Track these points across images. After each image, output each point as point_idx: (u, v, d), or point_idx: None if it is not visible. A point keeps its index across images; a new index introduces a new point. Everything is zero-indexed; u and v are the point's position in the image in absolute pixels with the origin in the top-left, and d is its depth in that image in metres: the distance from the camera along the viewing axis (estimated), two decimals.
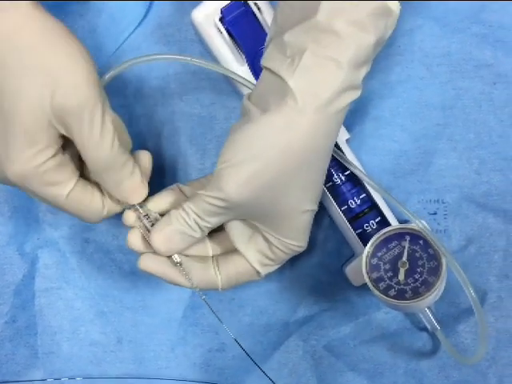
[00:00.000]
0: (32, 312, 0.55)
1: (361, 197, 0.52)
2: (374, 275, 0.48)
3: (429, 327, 0.53)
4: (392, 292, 0.48)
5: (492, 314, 0.55)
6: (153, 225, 0.46)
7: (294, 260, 0.55)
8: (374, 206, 0.52)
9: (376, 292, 0.47)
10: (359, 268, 0.49)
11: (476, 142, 0.56)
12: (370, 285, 0.47)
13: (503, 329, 0.54)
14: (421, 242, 0.49)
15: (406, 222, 0.52)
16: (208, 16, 0.51)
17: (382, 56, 0.56)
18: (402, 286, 0.48)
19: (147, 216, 0.46)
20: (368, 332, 0.55)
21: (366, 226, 0.52)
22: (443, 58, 0.56)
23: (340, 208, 0.51)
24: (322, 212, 0.55)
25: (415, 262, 0.48)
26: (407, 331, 0.55)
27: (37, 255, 0.56)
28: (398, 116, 0.56)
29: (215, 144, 0.56)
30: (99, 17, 0.55)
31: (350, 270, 0.53)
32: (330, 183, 0.51)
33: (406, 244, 0.49)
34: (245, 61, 0.51)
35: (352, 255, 0.54)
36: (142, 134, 0.56)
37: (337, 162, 0.51)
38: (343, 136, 0.52)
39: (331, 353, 0.55)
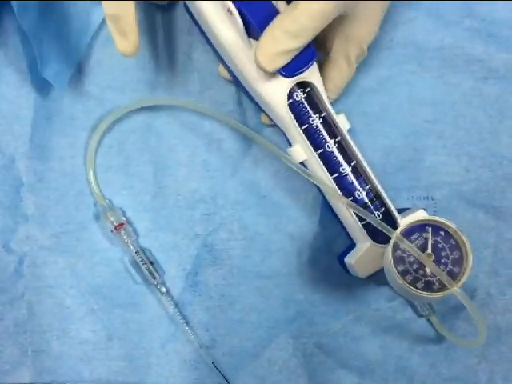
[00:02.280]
0: (21, 310, 0.55)
1: (366, 187, 0.51)
2: (400, 268, 0.47)
3: (425, 314, 0.53)
4: (420, 284, 0.47)
5: (481, 310, 0.55)
6: None
7: (285, 257, 0.56)
8: (377, 197, 0.51)
9: (405, 285, 0.46)
10: (367, 259, 0.49)
11: (465, 139, 0.56)
12: (397, 278, 0.47)
13: (493, 325, 0.55)
14: (442, 232, 0.48)
15: (403, 210, 0.52)
16: None
17: (373, 49, 0.56)
18: (428, 278, 0.47)
19: None
20: (358, 329, 0.55)
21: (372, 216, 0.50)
22: (435, 52, 0.56)
23: (348, 198, 0.50)
24: (315, 209, 0.56)
25: (439, 254, 0.48)
26: (398, 328, 0.55)
27: (25, 253, 0.55)
28: (388, 112, 0.57)
29: None
30: None
31: (355, 261, 0.51)
32: (337, 174, 0.50)
33: (429, 235, 0.48)
34: (250, 44, 0.49)
35: (348, 247, 0.53)
36: None
37: (344, 153, 0.50)
38: (345, 125, 0.52)
39: (322, 350, 0.55)
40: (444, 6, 0.56)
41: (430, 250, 0.48)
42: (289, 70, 0.46)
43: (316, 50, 0.47)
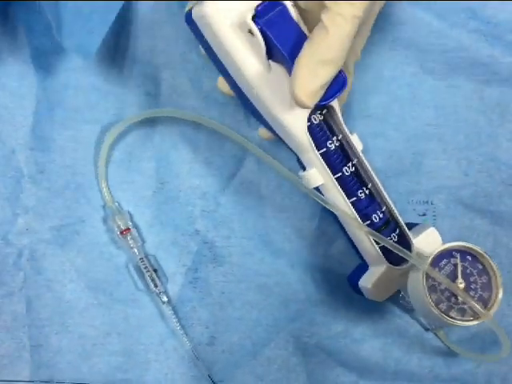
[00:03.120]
0: (20, 304, 0.54)
1: (382, 209, 0.49)
2: (433, 297, 0.46)
3: (431, 328, 0.54)
4: (453, 312, 0.46)
5: (490, 335, 0.55)
6: None
7: (285, 256, 0.56)
8: (391, 218, 0.49)
9: (441, 315, 0.45)
10: (383, 282, 0.49)
11: (465, 143, 0.57)
12: (433, 308, 0.45)
13: (490, 329, 0.54)
14: (469, 257, 0.47)
15: (409, 225, 0.51)
16: (220, 12, 0.44)
17: (376, 50, 0.56)
18: (460, 306, 0.46)
19: None
20: (359, 330, 0.55)
21: (389, 239, 0.48)
22: (438, 55, 0.56)
23: (364, 223, 0.48)
24: (315, 209, 0.56)
25: (468, 279, 0.47)
26: (398, 331, 0.56)
27: (25, 246, 0.55)
28: (390, 114, 0.57)
29: None
30: None
31: (372, 285, 0.50)
32: (354, 198, 0.48)
33: (458, 261, 0.47)
34: (269, 67, 0.45)
35: (359, 267, 0.53)
36: None
37: (360, 176, 0.48)
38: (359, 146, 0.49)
39: (322, 350, 0.55)
40: (449, 7, 0.56)
41: (460, 278, 0.46)
42: (323, 98, 0.44)
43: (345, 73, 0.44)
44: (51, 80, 0.56)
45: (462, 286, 0.46)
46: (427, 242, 0.49)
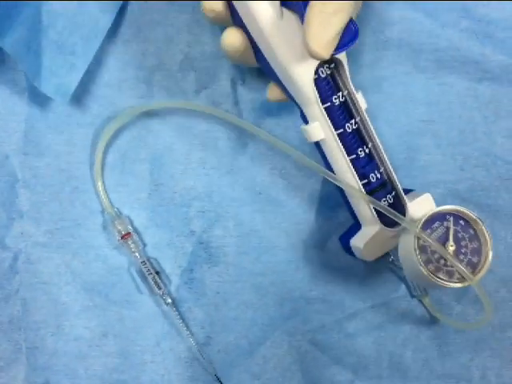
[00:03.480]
0: (16, 307, 0.55)
1: (381, 170, 0.49)
2: (423, 257, 0.47)
3: (417, 294, 0.54)
4: (441, 274, 0.47)
5: (473, 307, 0.56)
6: None
7: (280, 254, 0.56)
8: (389, 181, 0.50)
9: (430, 276, 0.46)
10: (375, 243, 0.49)
11: (459, 139, 0.57)
12: (422, 268, 0.46)
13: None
14: (462, 222, 0.48)
15: (406, 192, 0.51)
16: None
17: (368, 50, 0.57)
18: (448, 268, 0.47)
19: None
20: (353, 326, 0.55)
21: (383, 201, 0.49)
22: (431, 54, 0.57)
23: (360, 181, 0.49)
24: (311, 206, 0.56)
25: (459, 243, 0.47)
26: (391, 324, 0.55)
27: (20, 250, 0.55)
28: (383, 111, 0.57)
29: None
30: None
31: (364, 244, 0.50)
32: (354, 156, 0.48)
33: (451, 225, 0.48)
34: (282, 13, 0.44)
35: (351, 227, 0.53)
36: None
37: (361, 135, 0.49)
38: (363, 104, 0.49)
39: (316, 347, 0.55)
40: (441, 6, 0.57)
41: (452, 241, 0.47)
42: (336, 48, 0.43)
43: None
44: None
45: (452, 248, 0.47)
46: (422, 206, 0.49)
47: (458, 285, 0.46)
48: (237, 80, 0.56)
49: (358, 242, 0.51)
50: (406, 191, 0.51)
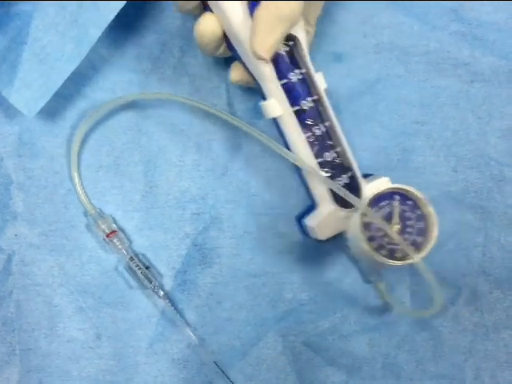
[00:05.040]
0: (9, 308, 0.55)
1: (337, 149, 0.50)
2: (366, 234, 0.48)
3: (372, 279, 0.54)
4: (384, 251, 0.47)
5: (468, 308, 0.55)
6: None
7: (274, 256, 0.56)
8: (345, 161, 0.50)
9: (371, 252, 0.47)
10: (328, 222, 0.49)
11: (453, 140, 0.57)
12: (365, 244, 0.47)
13: (480, 323, 0.55)
14: (410, 202, 0.49)
15: (368, 175, 0.52)
16: None
17: (360, 53, 0.57)
18: (392, 246, 0.48)
19: None
20: (346, 327, 0.55)
21: (339, 180, 0.50)
22: (421, 57, 0.57)
23: (316, 160, 0.49)
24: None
25: (405, 223, 0.48)
26: (385, 326, 0.55)
27: (14, 251, 0.55)
28: (376, 113, 0.57)
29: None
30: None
31: (317, 224, 0.50)
32: (310, 133, 0.49)
33: (398, 204, 0.49)
34: None
35: (308, 208, 0.53)
36: None
37: (319, 114, 0.49)
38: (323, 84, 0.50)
39: (310, 348, 0.55)
40: (431, 10, 0.57)
41: (396, 219, 0.48)
42: None
43: None
44: None
45: (397, 227, 0.48)
46: (378, 188, 0.50)
47: (400, 263, 0.47)
48: (230, 83, 0.56)
49: (311, 221, 0.51)
50: (367, 175, 0.52)
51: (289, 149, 0.50)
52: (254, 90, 0.56)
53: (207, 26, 0.48)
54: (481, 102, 0.57)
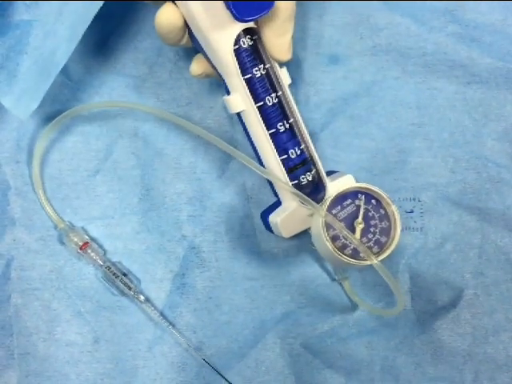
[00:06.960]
0: (8, 313, 0.55)
1: (301, 147, 0.50)
2: (330, 233, 0.48)
3: (338, 278, 0.54)
4: (348, 251, 0.48)
5: (468, 310, 0.55)
6: None
7: (272, 258, 0.56)
8: (309, 157, 0.50)
9: (335, 252, 0.47)
10: (292, 219, 0.50)
11: (450, 141, 0.57)
12: (328, 244, 0.47)
13: (479, 325, 0.55)
14: (373, 201, 0.49)
15: (332, 173, 0.52)
16: None
17: (357, 55, 0.57)
18: (354, 246, 0.48)
19: None
20: (345, 329, 0.55)
21: (302, 178, 0.50)
22: (418, 58, 0.57)
23: (280, 157, 0.49)
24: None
25: (368, 222, 0.48)
26: (384, 328, 0.55)
27: (13, 256, 0.55)
28: (373, 115, 0.57)
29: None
30: None
31: (281, 220, 0.50)
32: (273, 130, 0.49)
33: (362, 203, 0.49)
34: None
35: (273, 204, 0.53)
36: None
37: (283, 110, 0.49)
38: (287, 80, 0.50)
39: (308, 350, 0.55)
40: (428, 11, 0.57)
41: (360, 219, 0.48)
42: (243, 14, 0.43)
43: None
44: None
45: (361, 226, 0.48)
46: (342, 186, 0.50)
47: (364, 262, 0.47)
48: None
49: (275, 217, 0.51)
50: (331, 172, 0.52)
51: (253, 144, 0.51)
52: None
53: (166, 16, 0.46)
54: (478, 104, 0.57)
